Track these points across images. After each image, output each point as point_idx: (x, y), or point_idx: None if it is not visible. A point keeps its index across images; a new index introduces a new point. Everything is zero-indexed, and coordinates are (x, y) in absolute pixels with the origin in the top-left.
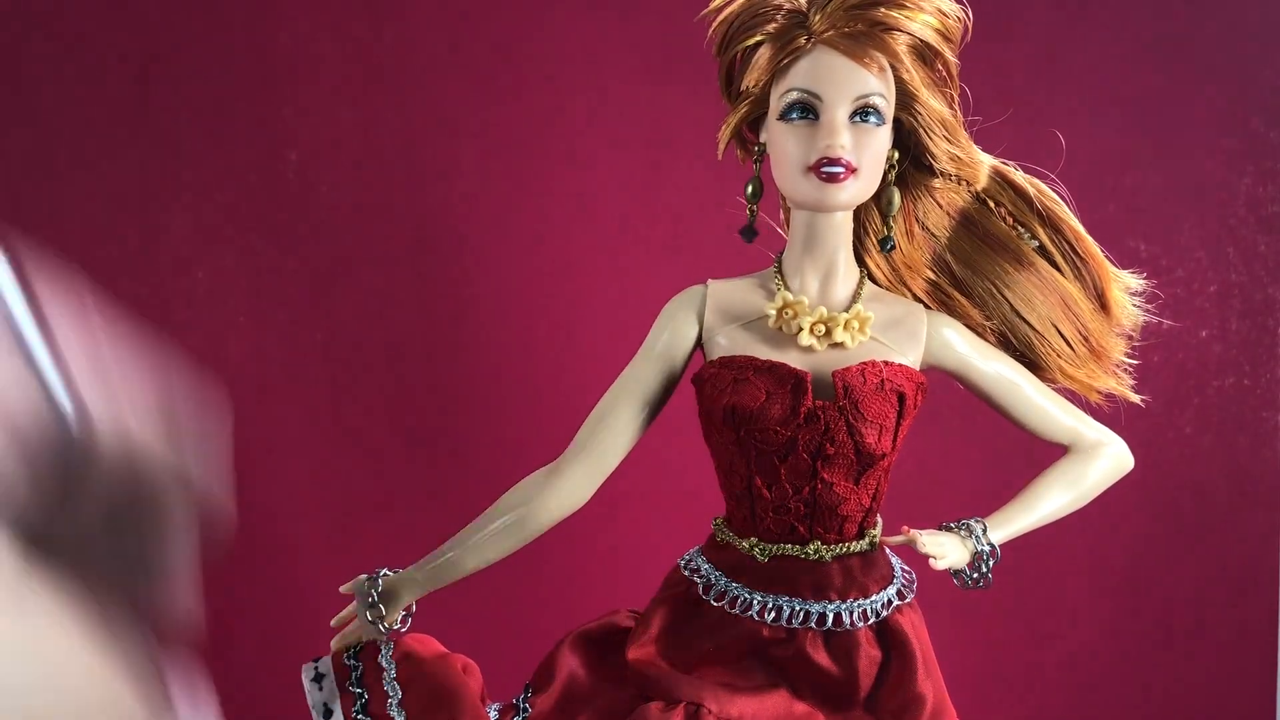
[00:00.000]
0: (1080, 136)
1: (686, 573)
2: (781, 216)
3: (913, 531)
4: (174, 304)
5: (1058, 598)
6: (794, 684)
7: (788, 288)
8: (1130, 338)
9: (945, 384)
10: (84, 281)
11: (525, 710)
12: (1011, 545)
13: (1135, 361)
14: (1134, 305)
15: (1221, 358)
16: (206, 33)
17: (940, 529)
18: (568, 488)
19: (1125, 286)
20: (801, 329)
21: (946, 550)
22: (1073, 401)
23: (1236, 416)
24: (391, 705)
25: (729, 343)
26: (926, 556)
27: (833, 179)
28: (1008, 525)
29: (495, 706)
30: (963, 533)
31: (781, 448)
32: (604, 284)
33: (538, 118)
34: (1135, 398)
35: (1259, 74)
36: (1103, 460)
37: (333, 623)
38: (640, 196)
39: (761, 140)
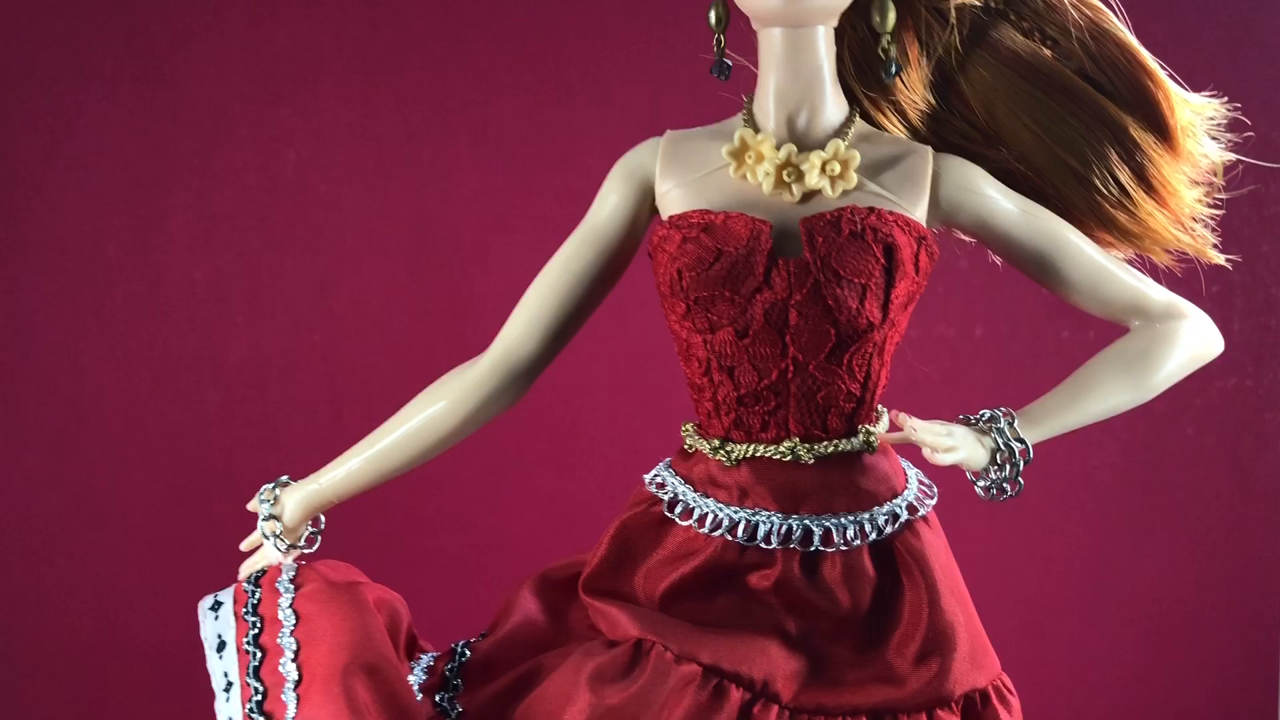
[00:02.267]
0: None
1: (652, 488)
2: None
3: (902, 417)
4: (174, 304)
5: (1057, 597)
6: (780, 620)
7: (756, 130)
8: (1208, 184)
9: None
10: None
11: (463, 656)
12: (1006, 540)
13: (1218, 212)
14: (1210, 137)
15: (1223, 358)
16: (206, 33)
17: (958, 421)
18: (485, 385)
19: (1196, 112)
20: (767, 174)
21: (956, 443)
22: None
23: (1239, 417)
24: (284, 634)
25: (684, 198)
26: (933, 454)
27: None
28: (1044, 420)
29: (432, 655)
30: (982, 426)
31: (740, 319)
32: None
33: (538, 117)
34: (1218, 257)
35: (1260, 74)
36: (1177, 337)
37: (242, 546)
38: None
39: None
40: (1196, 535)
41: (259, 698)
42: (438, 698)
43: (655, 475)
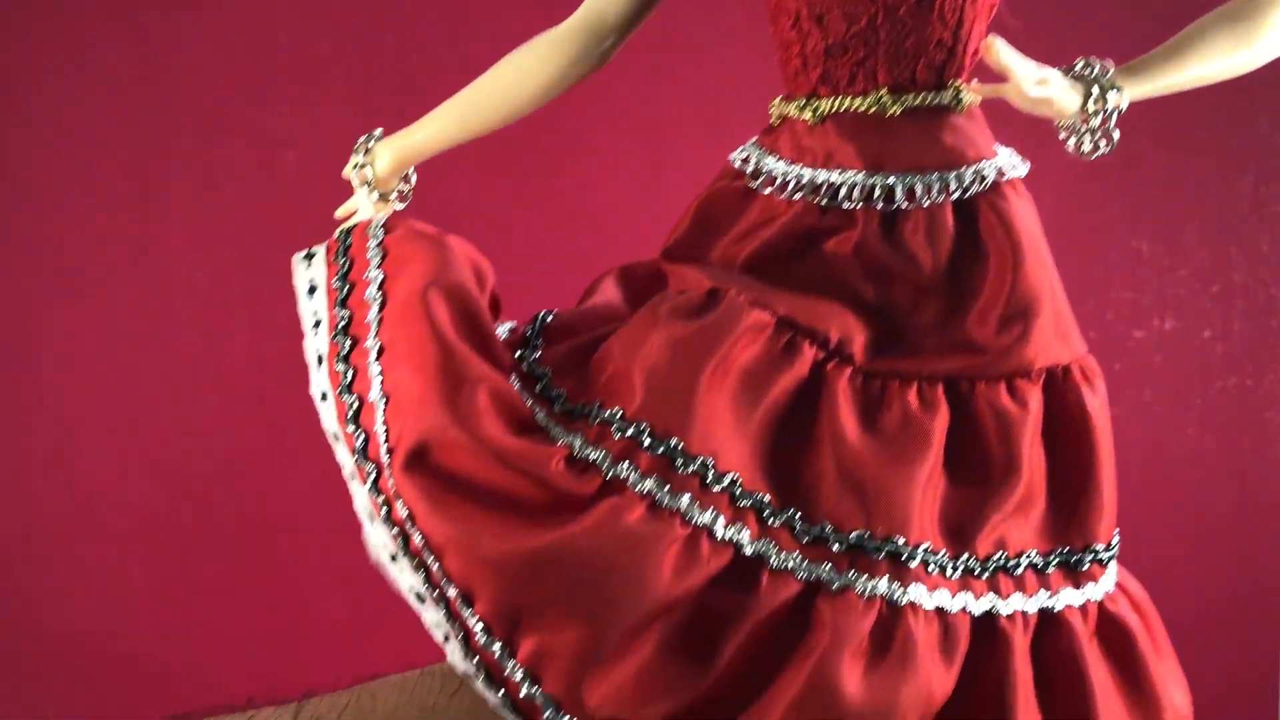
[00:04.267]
0: None
1: (737, 164)
2: None
3: (992, 36)
4: (174, 304)
5: None
6: (858, 287)
7: None
8: None
9: None
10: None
11: (545, 320)
12: None
13: None
14: None
15: (1224, 358)
16: (206, 33)
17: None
18: (569, 46)
19: None
20: None
21: (1048, 76)
22: None
23: (1239, 417)
24: (371, 269)
25: None
26: (1018, 97)
27: None
28: (1145, 74)
29: (514, 322)
30: (1078, 72)
31: None
32: None
33: (538, 116)
34: None
35: (1263, 75)
36: None
37: (337, 213)
38: (642, 193)
39: None
40: (1196, 535)
41: (344, 324)
42: (518, 353)
43: (740, 152)
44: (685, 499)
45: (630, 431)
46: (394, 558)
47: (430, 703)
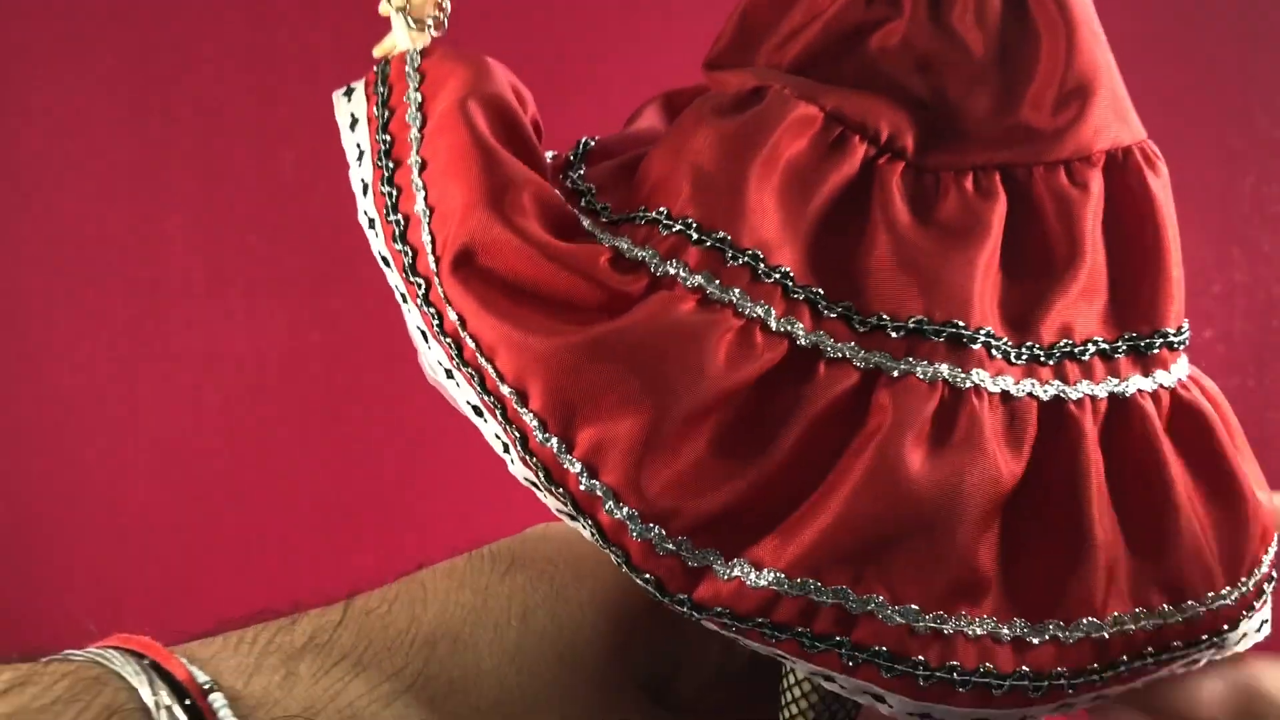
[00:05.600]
0: None
1: None
2: None
3: None
4: (171, 304)
5: None
6: (907, 83)
7: None
8: None
9: None
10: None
11: (587, 145)
12: None
13: None
14: None
15: (1225, 359)
16: (203, 31)
17: None
18: None
19: None
20: None
21: None
22: None
23: (1241, 418)
24: (410, 92)
25: None
26: None
27: None
28: None
29: (552, 152)
30: None
31: None
32: None
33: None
34: None
35: (1264, 72)
36: None
37: (375, 51)
38: None
39: None
40: None
41: (387, 148)
42: (560, 175)
43: None
44: (736, 292)
45: (677, 227)
46: (449, 373)
47: (483, 584)
